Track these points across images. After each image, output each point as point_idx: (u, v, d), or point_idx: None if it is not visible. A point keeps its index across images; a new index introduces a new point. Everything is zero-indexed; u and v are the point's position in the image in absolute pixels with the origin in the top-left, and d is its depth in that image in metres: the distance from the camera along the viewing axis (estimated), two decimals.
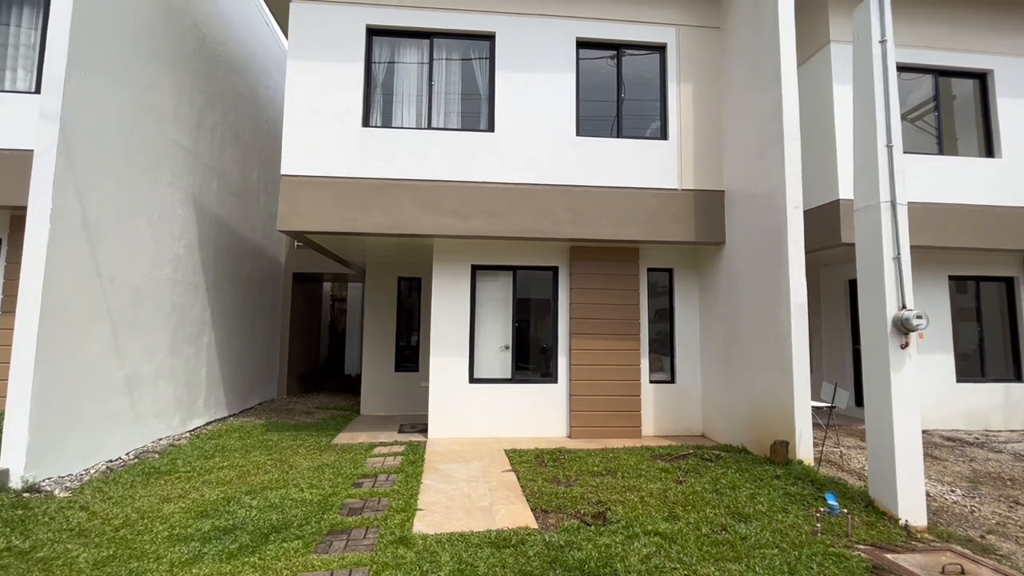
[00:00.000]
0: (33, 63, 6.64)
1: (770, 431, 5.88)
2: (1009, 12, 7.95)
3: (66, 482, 4.97)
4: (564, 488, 4.91)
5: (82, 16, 5.38)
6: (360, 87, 6.84)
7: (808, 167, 6.96)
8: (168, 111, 7.04)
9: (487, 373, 7.47)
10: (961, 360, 8.30)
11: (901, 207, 4.40)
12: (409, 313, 9.79)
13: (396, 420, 8.49)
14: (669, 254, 7.80)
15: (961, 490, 5.25)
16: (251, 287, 9.82)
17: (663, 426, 7.56)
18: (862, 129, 4.65)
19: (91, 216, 5.49)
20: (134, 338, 6.26)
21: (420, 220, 6.72)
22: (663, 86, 7.42)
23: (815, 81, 7.59)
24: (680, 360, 7.73)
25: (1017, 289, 8.49)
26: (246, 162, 9.64)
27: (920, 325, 4.15)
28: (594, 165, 7.09)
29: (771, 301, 6.02)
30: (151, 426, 6.61)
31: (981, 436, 7.60)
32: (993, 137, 7.92)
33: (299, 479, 5.15)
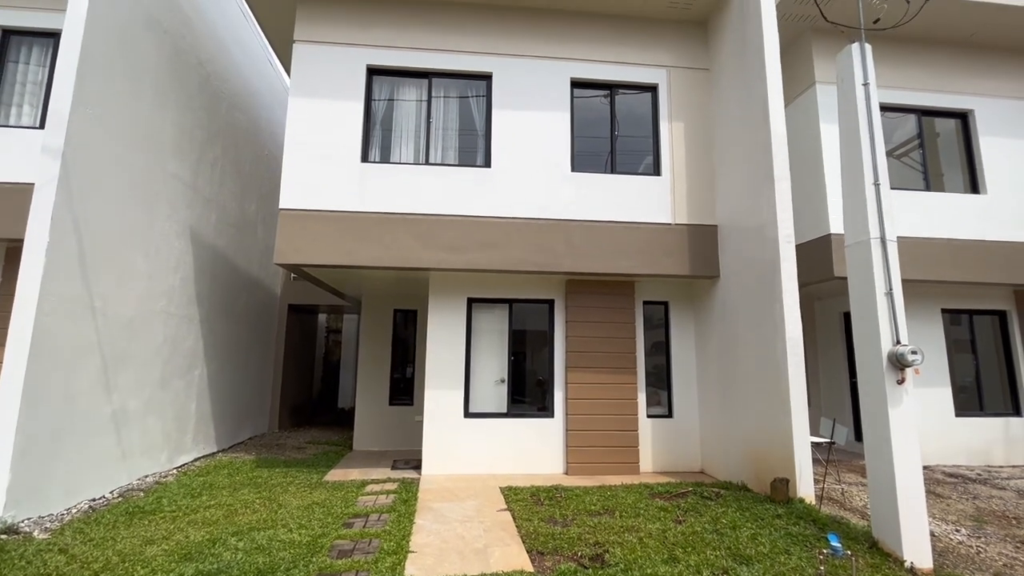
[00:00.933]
0: (39, 99, 6.80)
1: (770, 468, 5.79)
2: (988, 55, 8.29)
3: (46, 523, 4.81)
4: (561, 528, 4.78)
5: (89, 55, 5.53)
6: (360, 124, 6.99)
7: (798, 202, 7.09)
8: (169, 146, 7.15)
9: (482, 407, 7.37)
10: (959, 393, 8.27)
11: (891, 243, 4.46)
12: (404, 345, 9.73)
13: (389, 456, 8.31)
14: (664, 287, 7.83)
15: (966, 529, 5.14)
16: (246, 319, 9.76)
17: (661, 462, 7.43)
18: (849, 168, 4.77)
19: (87, 249, 5.50)
20: (124, 372, 6.18)
21: (417, 253, 6.76)
22: (655, 124, 7.62)
23: (803, 119, 7.82)
24: (677, 394, 7.67)
25: (1009, 322, 8.54)
26: (245, 195, 9.74)
27: (915, 360, 4.15)
28: (589, 200, 7.20)
29: (766, 335, 6.02)
30: (137, 463, 6.44)
31: (983, 472, 7.50)
32: (977, 174, 8.13)
33: (288, 519, 5.00)
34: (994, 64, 8.31)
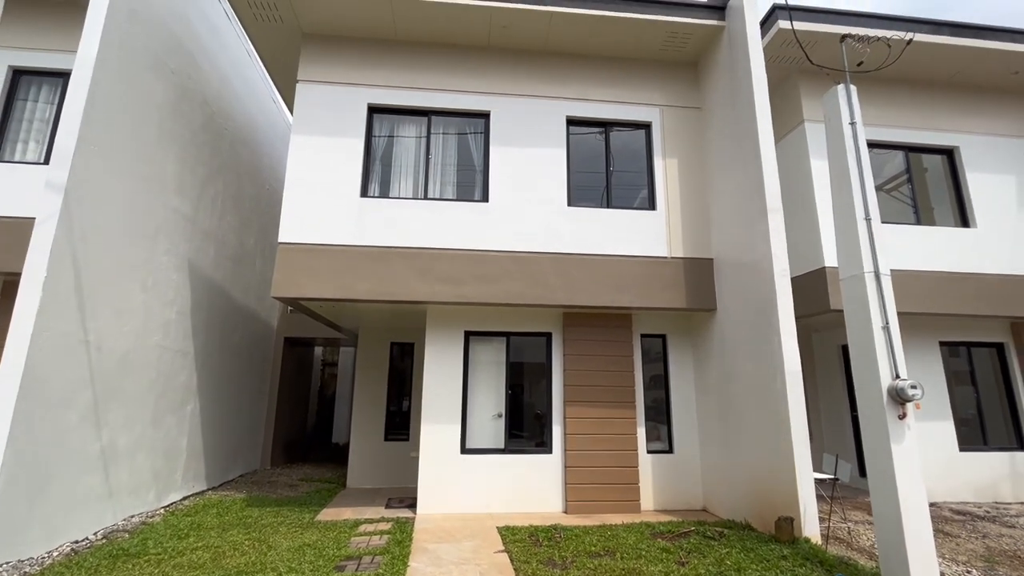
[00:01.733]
0: (45, 136, 6.94)
1: (773, 505, 5.66)
2: (970, 94, 8.57)
3: (25, 567, 4.63)
4: (560, 571, 4.62)
5: (97, 95, 5.66)
6: (360, 160, 7.12)
7: (792, 236, 7.18)
8: (171, 182, 7.25)
9: (479, 443, 7.23)
10: (961, 427, 8.17)
11: (885, 277, 4.50)
12: (401, 379, 9.63)
13: (384, 493, 8.10)
14: (662, 320, 7.83)
15: (978, 571, 4.99)
16: (241, 352, 9.67)
17: (662, 499, 7.25)
18: (840, 204, 4.85)
19: (85, 283, 5.50)
20: (115, 408, 6.07)
21: (415, 287, 6.78)
22: (649, 160, 7.78)
23: (793, 155, 8.01)
24: (677, 429, 7.55)
25: (1008, 355, 8.53)
26: (245, 228, 9.81)
27: (915, 395, 4.12)
28: (586, 234, 7.28)
29: (765, 369, 5.99)
30: (124, 502, 6.25)
31: (991, 509, 7.34)
32: (966, 208, 8.27)
33: (277, 562, 4.82)
34: (977, 103, 8.58)
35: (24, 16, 6.91)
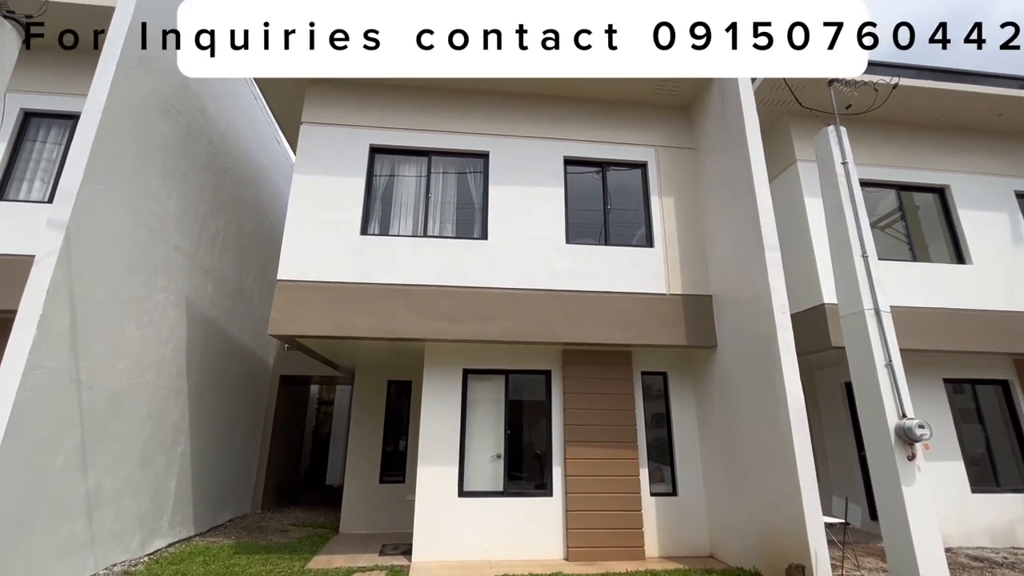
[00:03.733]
0: (50, 176, 7.03)
1: (783, 552, 5.43)
2: (959, 135, 8.78)
3: None
4: None
5: (104, 137, 5.78)
6: (360, 199, 7.22)
7: (790, 273, 7.15)
8: (172, 219, 7.31)
9: (478, 485, 7.02)
10: (972, 467, 7.96)
11: (885, 314, 4.49)
12: (398, 417, 9.43)
13: (378, 539, 7.79)
14: (662, 357, 7.75)
15: None
16: (235, 391, 9.51)
17: (667, 545, 6.98)
18: (837, 241, 4.90)
19: (80, 320, 5.45)
20: (103, 449, 5.90)
21: (413, 324, 6.73)
22: (646, 198, 7.90)
23: (787, 194, 8.13)
24: (681, 470, 7.35)
25: (1014, 392, 8.41)
26: (244, 265, 9.84)
27: (924, 435, 4.03)
28: (584, 271, 7.30)
29: (769, 406, 5.88)
30: (106, 549, 5.99)
31: (1009, 555, 7.06)
32: (960, 245, 8.34)
33: None
34: (966, 143, 8.79)
35: (37, 60, 7.11)
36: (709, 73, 3.89)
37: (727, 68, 3.62)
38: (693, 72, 3.66)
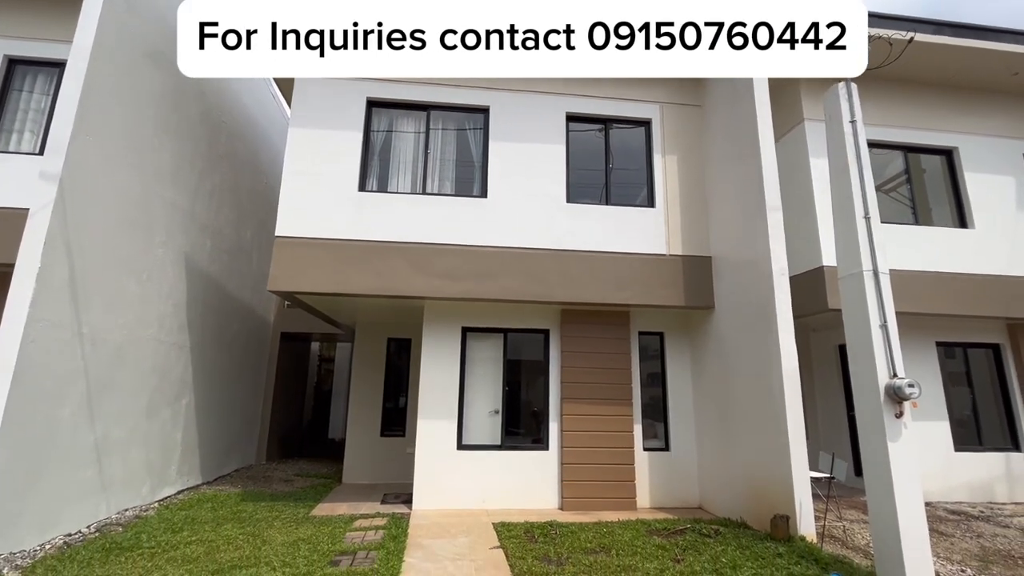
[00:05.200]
0: (40, 126, 6.86)
1: (769, 504, 5.66)
2: (969, 95, 8.54)
3: (17, 559, 4.60)
4: (555, 568, 4.61)
5: (92, 84, 5.61)
6: (358, 154, 7.08)
7: (790, 235, 7.11)
8: (167, 174, 7.20)
9: (476, 439, 7.22)
10: (957, 427, 8.18)
11: (883, 275, 4.49)
12: (398, 374, 9.59)
13: (380, 489, 8.08)
14: (660, 318, 7.82)
15: (972, 570, 5.00)
16: (237, 347, 9.63)
17: (659, 497, 7.25)
18: (840, 202, 4.84)
19: (79, 274, 5.45)
20: (109, 400, 6.03)
21: (412, 282, 6.75)
22: (649, 157, 7.76)
23: (793, 155, 7.97)
24: (674, 427, 7.55)
25: (1004, 356, 8.54)
26: (241, 222, 9.76)
27: (913, 394, 4.12)
28: (584, 230, 7.26)
29: (762, 367, 5.98)
30: (117, 495, 6.22)
31: (985, 509, 7.36)
32: (964, 209, 8.26)
33: (272, 556, 4.80)
34: (977, 103, 8.56)
35: (21, 5, 6.83)
36: (709, 73, 3.70)
37: (726, 68, 3.48)
38: (690, 72, 3.51)
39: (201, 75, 3.47)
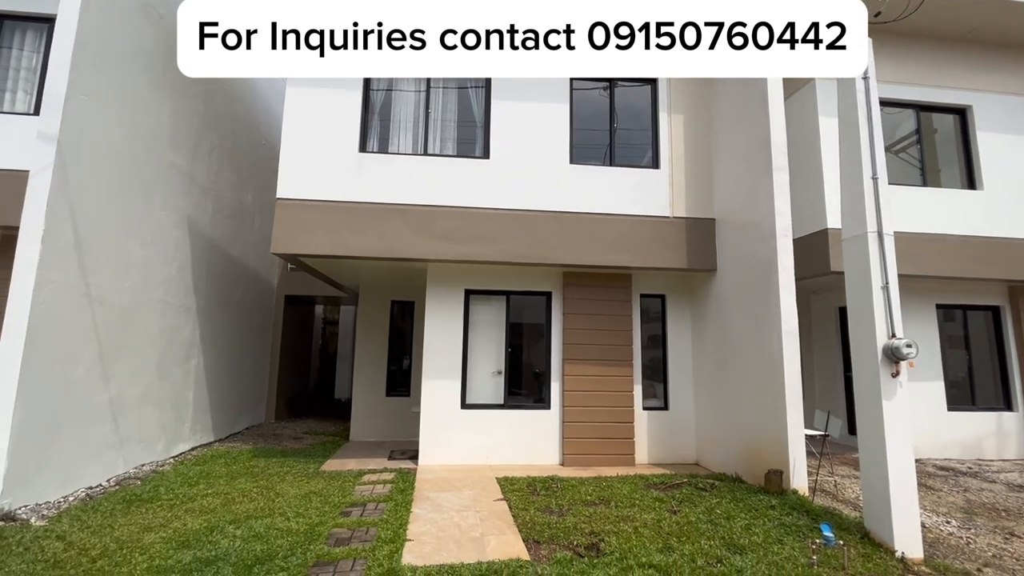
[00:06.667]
0: (33, 86, 6.72)
1: (764, 460, 5.84)
2: (987, 51, 8.27)
3: (43, 510, 4.82)
4: (557, 518, 4.82)
5: (84, 41, 5.47)
6: (358, 114, 6.96)
7: (796, 197, 7.06)
8: (165, 134, 7.10)
9: (479, 398, 7.40)
10: (952, 388, 8.34)
11: (888, 237, 4.48)
12: (401, 337, 9.74)
13: (386, 446, 8.34)
14: (661, 280, 7.85)
15: (956, 521, 5.21)
16: (243, 309, 9.74)
17: (657, 454, 7.48)
18: (848, 162, 4.78)
19: (83, 237, 5.47)
20: (121, 361, 6.17)
21: (414, 244, 6.76)
22: (654, 117, 7.60)
23: (802, 114, 7.80)
24: (673, 387, 7.71)
25: (1003, 318, 8.60)
26: (242, 185, 9.68)
27: (910, 354, 4.18)
28: (587, 192, 7.20)
29: (762, 328, 6.05)
30: (134, 452, 6.45)
31: (974, 465, 7.59)
32: (974, 170, 8.14)
33: (285, 507, 5.02)
34: (994, 60, 8.29)
35: None
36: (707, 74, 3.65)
37: (726, 68, 3.41)
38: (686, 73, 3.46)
39: (201, 75, 3.42)
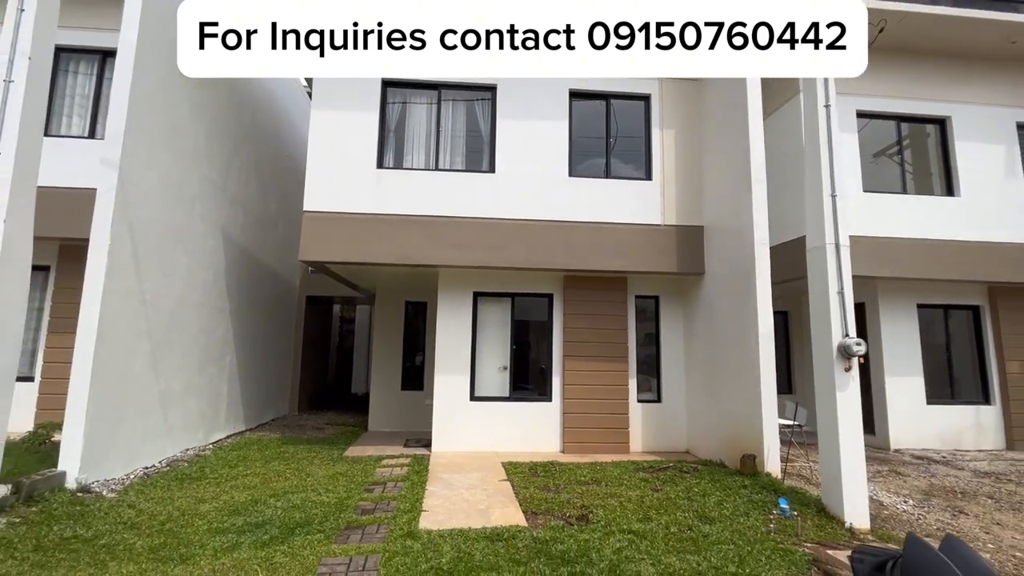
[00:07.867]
0: (87, 111, 7.55)
1: (742, 446, 6.46)
2: (966, 64, 8.74)
3: (111, 485, 5.60)
4: (553, 495, 5.50)
5: (139, 76, 6.21)
6: (375, 133, 7.67)
7: (786, 202, 7.61)
8: (202, 153, 7.86)
9: (487, 391, 8.09)
10: (931, 383, 8.83)
11: (844, 248, 5.07)
12: (415, 335, 10.46)
13: (402, 436, 9.08)
14: (655, 283, 8.47)
15: (913, 501, 5.79)
16: (269, 310, 10.53)
17: (650, 443, 8.13)
18: (811, 180, 5.36)
19: (139, 248, 6.24)
20: (168, 358, 6.95)
21: (427, 252, 7.45)
22: (647, 131, 8.21)
23: (787, 127, 8.33)
24: (666, 381, 8.34)
25: (982, 317, 9.08)
26: (267, 194, 10.45)
27: (859, 351, 4.78)
28: (585, 202, 7.84)
29: (743, 328, 6.66)
30: (179, 438, 7.24)
31: (949, 455, 8.11)
32: (953, 177, 8.62)
33: (316, 485, 5.76)
34: (972, 72, 8.75)
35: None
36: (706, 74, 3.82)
37: (726, 68, 3.42)
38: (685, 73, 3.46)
39: (201, 75, 3.52)
